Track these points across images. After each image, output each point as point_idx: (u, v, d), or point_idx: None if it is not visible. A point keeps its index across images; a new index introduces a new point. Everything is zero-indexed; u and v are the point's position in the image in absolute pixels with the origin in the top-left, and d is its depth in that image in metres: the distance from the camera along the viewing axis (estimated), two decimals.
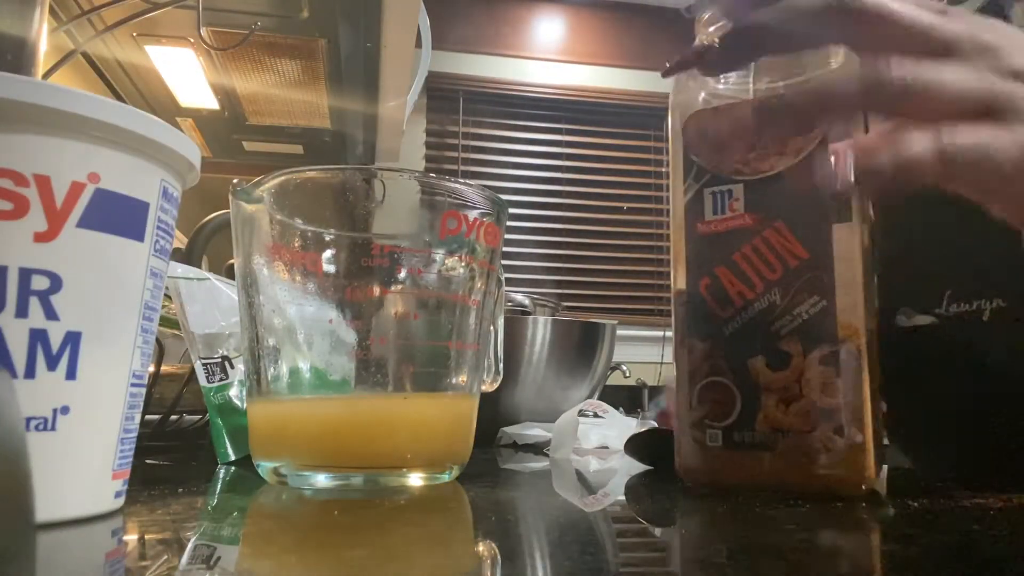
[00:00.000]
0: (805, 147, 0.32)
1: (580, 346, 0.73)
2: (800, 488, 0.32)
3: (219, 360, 0.47)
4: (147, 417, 0.50)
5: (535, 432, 0.64)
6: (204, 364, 0.46)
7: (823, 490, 0.32)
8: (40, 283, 0.24)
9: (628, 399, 2.78)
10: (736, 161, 0.34)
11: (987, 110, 0.27)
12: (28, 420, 0.24)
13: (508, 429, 0.66)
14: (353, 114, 1.33)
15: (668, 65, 0.32)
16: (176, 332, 0.52)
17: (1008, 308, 0.51)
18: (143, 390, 0.29)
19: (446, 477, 0.38)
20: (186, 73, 1.17)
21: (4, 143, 0.23)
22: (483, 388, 0.44)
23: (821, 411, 0.32)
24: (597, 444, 0.57)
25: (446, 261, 0.38)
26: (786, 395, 0.32)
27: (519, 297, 0.87)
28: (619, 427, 0.58)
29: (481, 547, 0.25)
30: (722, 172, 0.34)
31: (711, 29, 0.35)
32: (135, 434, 0.28)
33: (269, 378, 0.37)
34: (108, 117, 0.25)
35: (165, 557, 0.22)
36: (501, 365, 0.47)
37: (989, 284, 0.52)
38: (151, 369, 0.44)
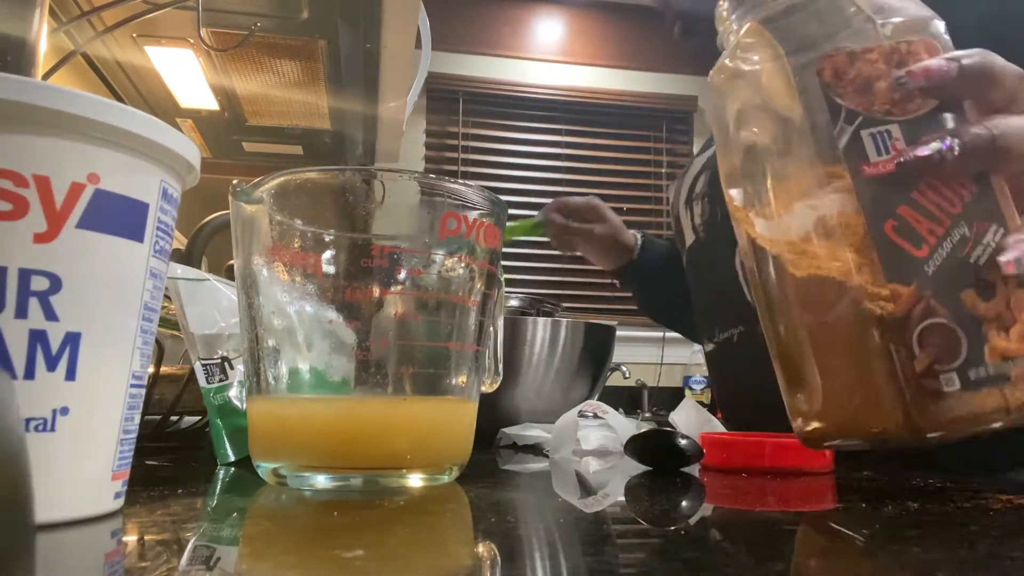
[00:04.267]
0: None
1: (580, 347, 0.73)
2: None
3: (219, 361, 0.47)
4: (147, 418, 0.50)
5: (535, 433, 0.64)
6: (204, 365, 0.46)
7: None
8: (40, 284, 0.24)
9: (628, 400, 2.78)
10: (884, 102, 0.34)
11: None
12: (28, 421, 0.24)
13: (508, 430, 0.66)
14: (353, 115, 1.33)
15: None
16: (176, 333, 0.52)
17: (746, 332, 0.68)
18: (143, 391, 0.29)
19: (446, 478, 0.38)
20: (186, 74, 1.17)
21: (4, 143, 0.23)
22: (483, 389, 0.44)
23: None
24: (597, 445, 0.57)
25: (446, 262, 0.38)
26: (1002, 323, 0.31)
27: (519, 298, 0.87)
28: (619, 428, 0.58)
29: (481, 548, 0.25)
30: (874, 112, 0.34)
31: None
32: (135, 435, 0.28)
33: (269, 379, 0.37)
34: (108, 118, 0.25)
35: (165, 558, 0.22)
36: (501, 366, 0.47)
37: (735, 316, 0.68)
38: (151, 370, 0.44)
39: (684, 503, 0.34)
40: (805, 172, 0.35)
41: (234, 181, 0.38)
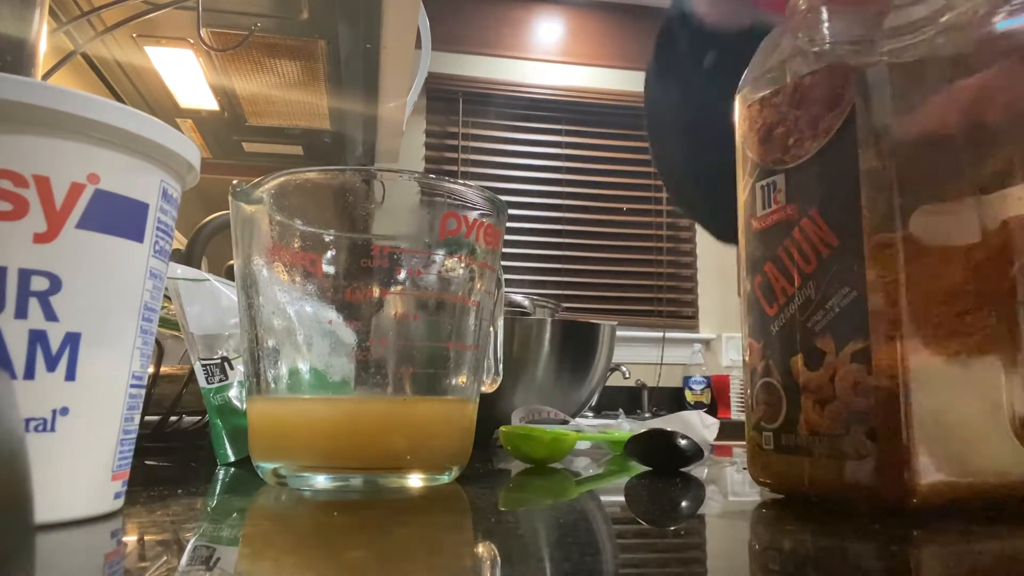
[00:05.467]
0: (834, 124, 0.31)
1: (580, 347, 0.73)
2: (839, 498, 0.30)
3: (219, 361, 0.47)
4: (147, 418, 0.50)
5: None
6: (204, 365, 0.46)
7: (860, 502, 0.29)
8: (39, 284, 0.24)
9: (628, 400, 2.78)
10: (778, 150, 0.33)
11: None
12: (27, 421, 0.24)
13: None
14: (353, 115, 1.34)
15: None
16: (176, 333, 0.52)
17: None
18: (143, 391, 0.29)
19: (446, 478, 0.38)
20: (186, 74, 1.17)
21: (4, 144, 0.23)
22: (483, 389, 0.44)
23: (852, 413, 0.29)
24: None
25: (446, 262, 0.38)
26: (821, 396, 0.30)
27: (519, 298, 0.87)
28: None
29: (481, 548, 0.25)
30: (767, 163, 0.33)
31: None
32: (135, 435, 0.28)
33: (269, 379, 0.37)
34: (107, 118, 0.25)
35: (164, 558, 0.22)
36: (501, 366, 0.47)
37: None
38: (151, 370, 0.44)
39: (684, 503, 0.34)
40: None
41: (234, 181, 0.38)
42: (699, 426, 0.53)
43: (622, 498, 0.37)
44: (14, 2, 0.52)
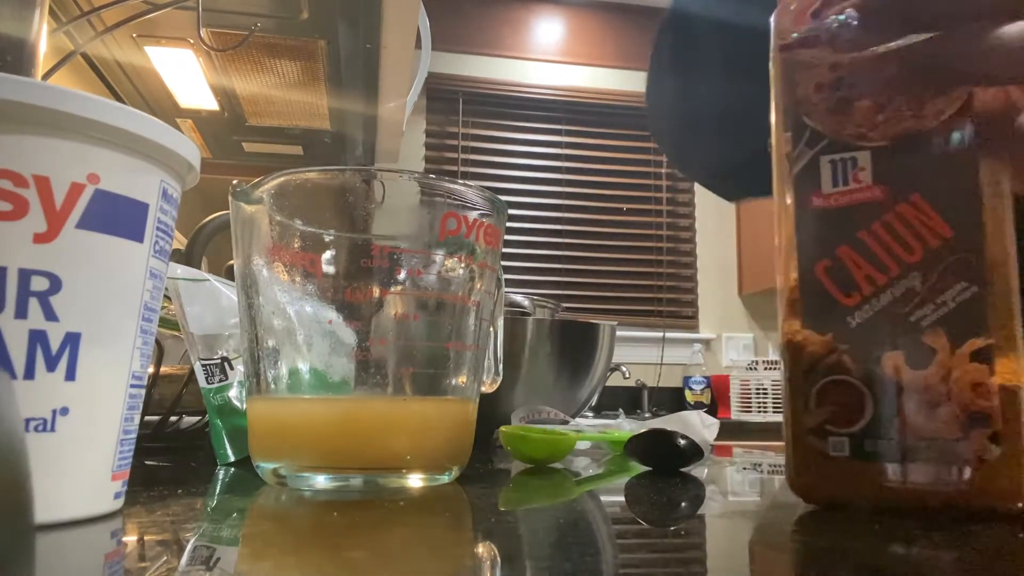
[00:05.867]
0: (946, 109, 0.28)
1: (580, 347, 0.73)
2: (943, 504, 0.28)
3: (219, 361, 0.47)
4: (147, 418, 0.50)
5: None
6: (204, 365, 0.46)
7: (970, 507, 0.27)
8: (39, 284, 0.24)
9: (628, 400, 2.78)
10: (860, 124, 0.30)
11: None
12: (27, 421, 0.24)
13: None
14: (353, 115, 1.34)
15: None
16: (176, 333, 0.52)
17: None
18: (143, 391, 0.29)
19: (446, 478, 0.38)
20: (186, 74, 1.17)
21: (4, 144, 0.23)
22: (483, 389, 0.44)
23: (973, 415, 0.27)
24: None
25: (446, 262, 0.38)
26: (930, 397, 0.28)
27: (518, 298, 0.87)
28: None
29: (481, 548, 0.25)
30: (843, 137, 0.30)
31: None
32: (134, 435, 0.28)
33: (269, 379, 0.37)
34: (107, 118, 0.25)
35: (164, 558, 0.22)
36: (500, 366, 0.47)
37: None
38: (151, 370, 0.44)
39: (684, 503, 0.34)
40: (775, 184, 0.32)
41: (234, 181, 0.38)
42: (699, 426, 0.53)
43: (622, 498, 0.37)
44: (14, 2, 0.52)
